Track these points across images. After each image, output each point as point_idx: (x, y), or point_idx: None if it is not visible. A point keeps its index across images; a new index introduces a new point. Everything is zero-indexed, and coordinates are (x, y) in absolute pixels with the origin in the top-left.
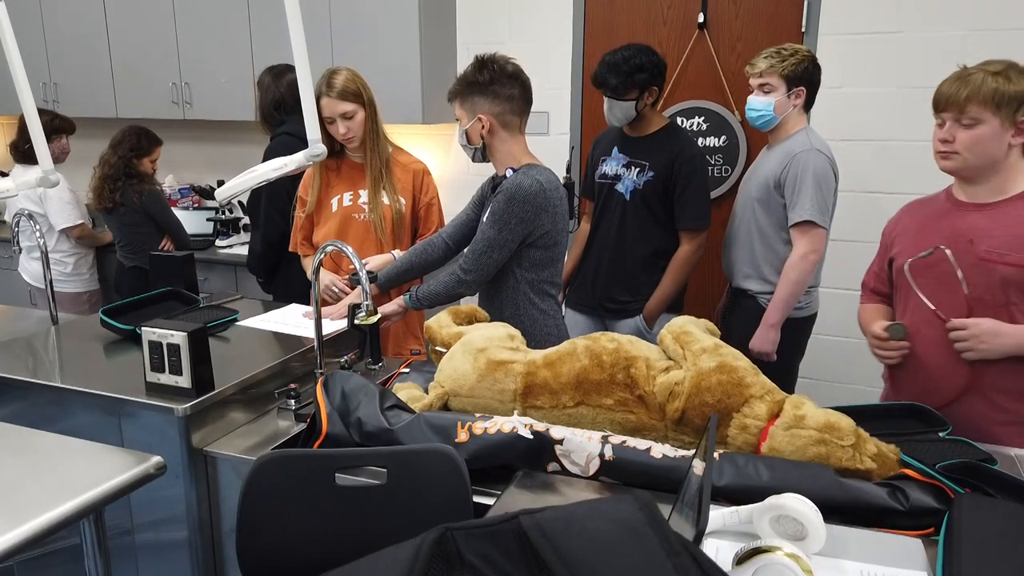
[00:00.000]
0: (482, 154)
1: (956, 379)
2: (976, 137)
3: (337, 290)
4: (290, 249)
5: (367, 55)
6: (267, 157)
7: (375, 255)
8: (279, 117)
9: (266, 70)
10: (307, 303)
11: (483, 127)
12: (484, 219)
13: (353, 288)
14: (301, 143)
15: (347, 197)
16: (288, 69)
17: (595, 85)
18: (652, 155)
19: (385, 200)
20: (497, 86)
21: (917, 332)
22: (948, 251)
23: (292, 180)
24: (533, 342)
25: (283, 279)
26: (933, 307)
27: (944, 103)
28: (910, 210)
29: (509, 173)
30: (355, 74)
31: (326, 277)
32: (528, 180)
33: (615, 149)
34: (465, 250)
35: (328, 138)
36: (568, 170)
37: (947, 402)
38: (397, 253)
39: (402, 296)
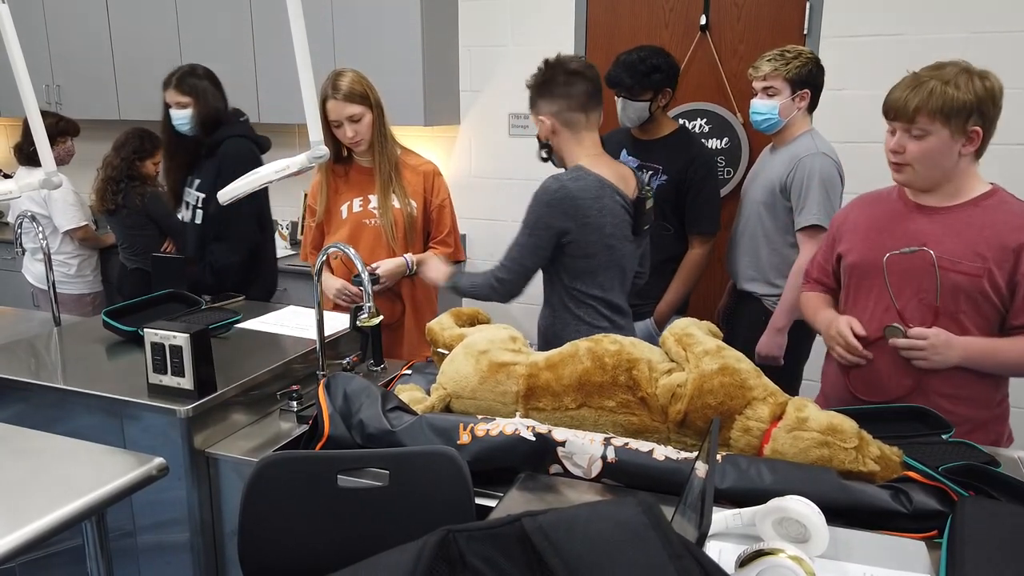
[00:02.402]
0: (557, 159)
1: (904, 381)
2: (925, 149)
3: (349, 295)
4: (300, 259)
5: (369, 57)
6: (228, 165)
7: (384, 260)
8: (221, 121)
9: (187, 72)
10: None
11: (547, 129)
12: None
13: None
14: (256, 146)
15: (356, 203)
16: (196, 69)
17: (609, 85)
18: (666, 159)
19: (396, 204)
20: (553, 84)
21: (868, 332)
22: (932, 252)
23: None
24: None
25: (254, 292)
26: (899, 308)
27: (894, 112)
28: (860, 205)
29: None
30: (361, 75)
31: (337, 282)
32: (556, 184)
33: (623, 152)
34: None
35: (335, 143)
36: (645, 183)
37: (891, 401)
38: (409, 257)
39: (450, 272)
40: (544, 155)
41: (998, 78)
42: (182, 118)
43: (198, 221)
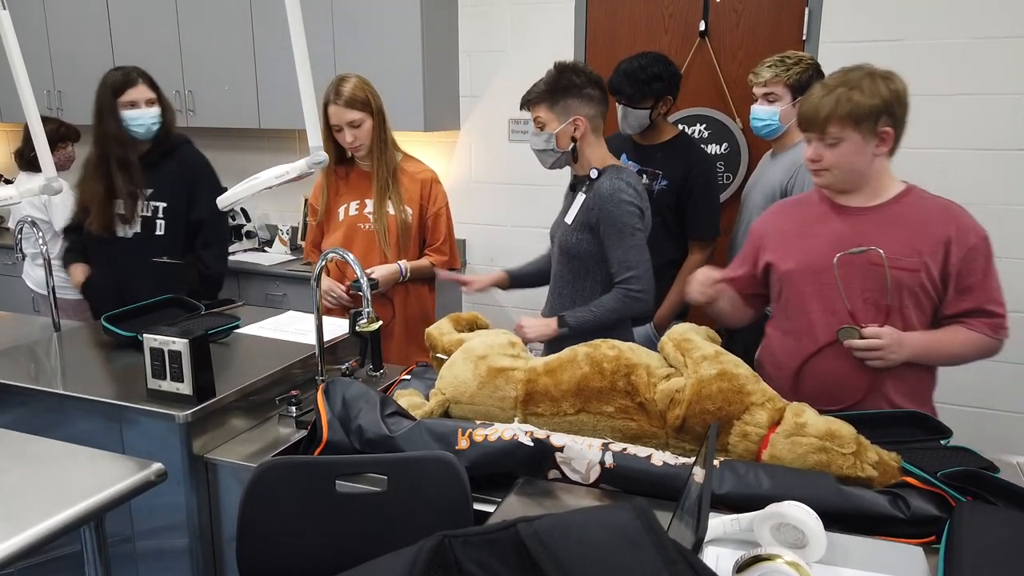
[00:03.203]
0: (570, 157)
1: (859, 383)
2: (841, 155)
3: (335, 296)
4: (304, 256)
5: (369, 62)
6: (203, 172)
7: (379, 266)
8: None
9: (140, 70)
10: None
11: (576, 130)
12: (606, 240)
13: (354, 295)
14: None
15: (353, 206)
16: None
17: (610, 92)
18: (666, 164)
19: (390, 210)
20: (590, 89)
21: (817, 338)
22: (881, 251)
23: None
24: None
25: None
26: (850, 309)
27: (807, 124)
28: (780, 213)
29: (594, 173)
30: (364, 82)
31: (325, 283)
32: (624, 183)
33: (623, 157)
34: (616, 273)
35: (337, 146)
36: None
37: (845, 407)
38: (403, 264)
39: (556, 324)
40: (566, 160)
41: (902, 79)
42: (153, 117)
43: (160, 232)
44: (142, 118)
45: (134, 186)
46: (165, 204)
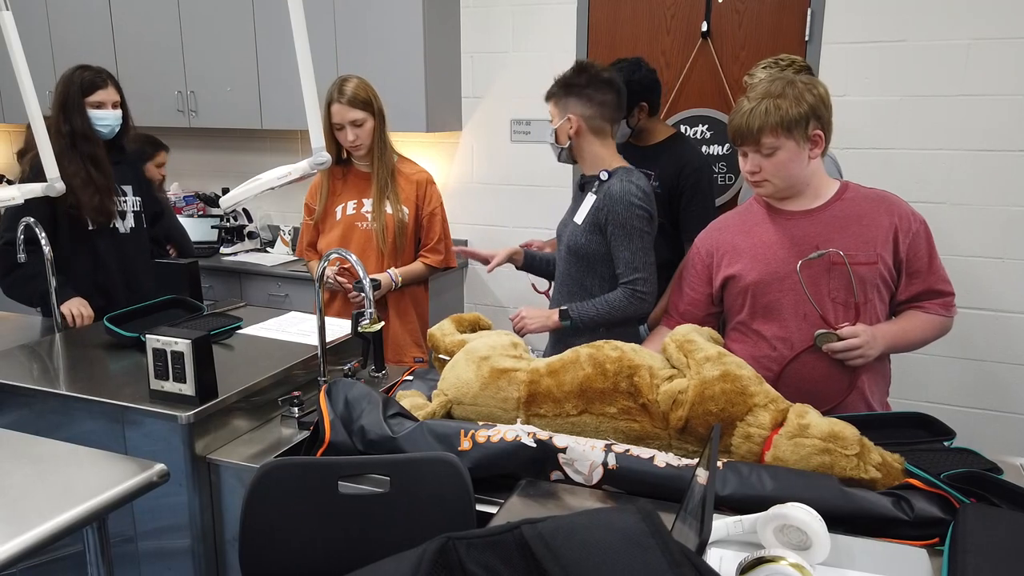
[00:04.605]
0: (568, 155)
1: (841, 384)
2: (778, 164)
3: (331, 281)
4: (296, 254)
5: (371, 64)
6: (141, 168)
7: (374, 270)
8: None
9: (110, 76)
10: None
11: (571, 128)
12: (613, 241)
13: (357, 295)
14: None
15: (351, 206)
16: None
17: None
18: (658, 165)
19: (388, 210)
20: (591, 90)
21: (793, 344)
22: (841, 252)
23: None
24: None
25: None
26: (822, 313)
27: (740, 138)
28: (725, 227)
29: (604, 175)
30: (366, 83)
31: (330, 270)
32: (634, 186)
33: None
34: (622, 273)
35: (335, 146)
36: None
37: (828, 408)
38: (394, 272)
39: (557, 310)
40: (567, 156)
41: (821, 81)
42: (117, 119)
43: (146, 226)
44: (107, 119)
45: (107, 180)
46: (141, 199)
